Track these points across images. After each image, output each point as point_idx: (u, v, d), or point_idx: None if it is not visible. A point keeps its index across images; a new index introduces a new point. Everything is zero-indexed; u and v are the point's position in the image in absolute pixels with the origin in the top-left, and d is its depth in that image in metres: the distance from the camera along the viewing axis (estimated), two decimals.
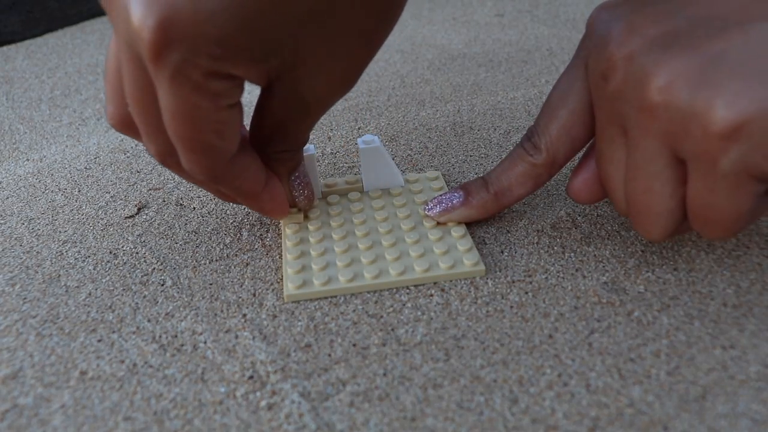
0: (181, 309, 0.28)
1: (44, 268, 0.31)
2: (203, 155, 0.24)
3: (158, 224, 0.34)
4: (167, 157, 0.26)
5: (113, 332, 0.27)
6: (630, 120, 0.24)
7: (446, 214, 0.31)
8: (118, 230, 0.34)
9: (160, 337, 0.27)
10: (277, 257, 0.31)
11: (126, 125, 0.26)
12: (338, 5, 0.23)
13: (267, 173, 0.29)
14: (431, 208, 0.31)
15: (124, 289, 0.30)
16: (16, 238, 0.34)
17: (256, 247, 0.32)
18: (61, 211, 0.36)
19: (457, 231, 0.31)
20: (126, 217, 0.35)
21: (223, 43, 0.21)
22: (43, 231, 0.34)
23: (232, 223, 0.34)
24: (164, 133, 0.24)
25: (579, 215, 0.33)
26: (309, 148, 0.32)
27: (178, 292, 0.29)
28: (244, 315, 0.28)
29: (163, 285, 0.30)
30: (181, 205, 0.36)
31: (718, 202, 0.23)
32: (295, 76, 0.25)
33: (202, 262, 0.31)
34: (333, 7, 0.23)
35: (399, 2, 0.26)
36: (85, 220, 0.35)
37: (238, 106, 0.24)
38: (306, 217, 0.33)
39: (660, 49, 0.23)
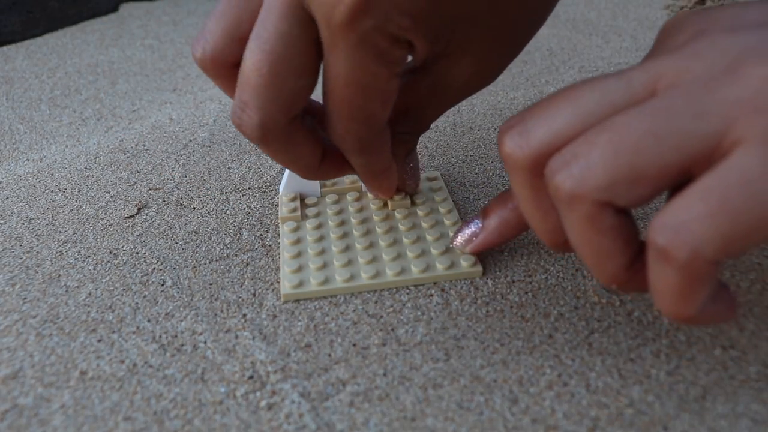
0: (181, 309, 0.28)
1: (44, 268, 0.31)
2: (364, 124, 0.25)
3: (158, 224, 0.34)
4: (271, 123, 0.25)
5: (113, 332, 0.27)
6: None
7: (469, 244, 0.29)
8: (118, 230, 0.34)
9: (160, 337, 0.27)
10: (277, 257, 0.31)
11: (219, 67, 0.25)
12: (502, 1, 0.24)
13: None
14: (456, 241, 0.29)
15: (124, 289, 0.30)
16: (16, 238, 0.34)
17: (256, 247, 0.32)
18: (61, 211, 0.36)
19: None
20: (126, 217, 0.35)
21: (413, 15, 0.22)
22: (43, 231, 0.34)
23: (232, 223, 0.34)
24: (290, 95, 0.24)
25: None
26: None
27: (178, 292, 0.29)
28: (244, 315, 0.28)
29: (163, 285, 0.30)
30: (181, 205, 0.36)
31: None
32: (448, 63, 0.26)
33: (202, 262, 0.31)
34: (498, 2, 0.24)
35: (551, 3, 0.26)
36: (85, 220, 0.35)
37: (398, 82, 0.25)
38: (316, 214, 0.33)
39: (726, 73, 0.18)
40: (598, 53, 0.53)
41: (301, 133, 0.26)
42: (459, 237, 0.29)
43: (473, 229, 0.28)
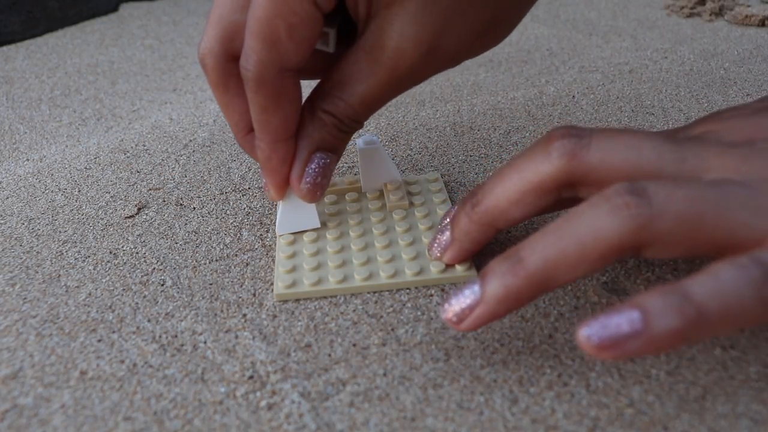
0: (181, 309, 0.28)
1: (44, 268, 0.31)
2: (266, 47, 0.24)
3: (158, 224, 0.34)
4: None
5: (113, 332, 0.27)
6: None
7: (444, 255, 0.28)
8: (118, 230, 0.34)
9: (160, 337, 0.27)
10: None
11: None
12: None
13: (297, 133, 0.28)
14: (433, 250, 0.28)
15: (124, 289, 0.30)
16: (16, 238, 0.34)
17: (256, 247, 0.32)
18: (61, 211, 0.36)
19: None
20: (126, 217, 0.35)
21: None
22: (43, 231, 0.34)
23: (232, 223, 0.34)
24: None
25: None
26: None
27: (178, 292, 0.29)
28: (244, 315, 0.28)
29: (163, 285, 0.30)
30: (181, 205, 0.36)
31: None
32: (381, 22, 0.25)
33: (202, 262, 0.31)
34: None
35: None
36: (85, 220, 0.35)
37: (319, 19, 0.24)
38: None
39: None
40: (598, 53, 0.53)
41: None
42: (435, 246, 0.28)
43: (446, 240, 0.28)
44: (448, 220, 0.28)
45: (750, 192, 0.20)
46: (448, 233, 0.28)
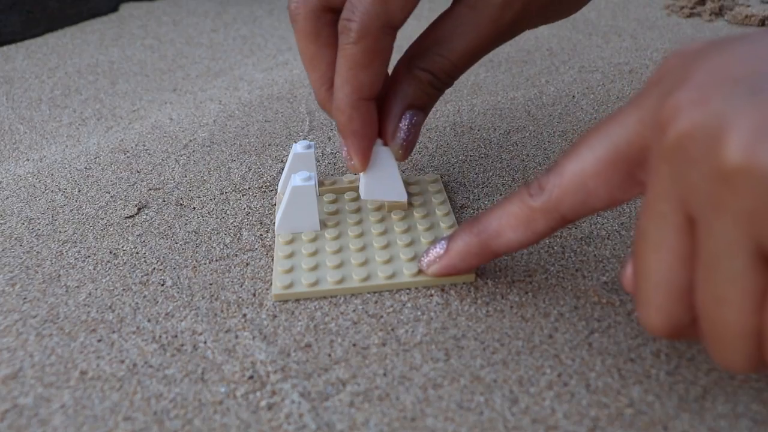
0: (181, 309, 0.28)
1: (44, 268, 0.31)
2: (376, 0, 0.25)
3: (158, 224, 0.34)
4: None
5: (113, 332, 0.27)
6: (696, 191, 0.17)
7: (432, 266, 0.27)
8: (118, 230, 0.34)
9: (160, 337, 0.27)
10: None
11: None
12: None
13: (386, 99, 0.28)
14: (422, 261, 0.28)
15: (124, 289, 0.30)
16: (16, 238, 0.34)
17: (256, 247, 0.32)
18: (61, 211, 0.36)
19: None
20: (126, 217, 0.35)
21: None
22: (43, 231, 0.34)
23: (232, 223, 0.34)
24: None
25: None
26: (309, 145, 0.32)
27: (178, 292, 0.29)
28: (244, 315, 0.28)
29: (163, 285, 0.30)
30: (181, 205, 0.36)
31: None
32: None
33: (202, 262, 0.31)
34: None
35: None
36: (85, 220, 0.35)
37: None
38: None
39: (746, 94, 0.16)
40: (598, 53, 0.53)
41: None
42: (425, 257, 0.28)
43: (438, 251, 0.27)
44: (446, 235, 0.28)
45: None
46: (443, 244, 0.27)
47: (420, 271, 0.28)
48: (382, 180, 0.30)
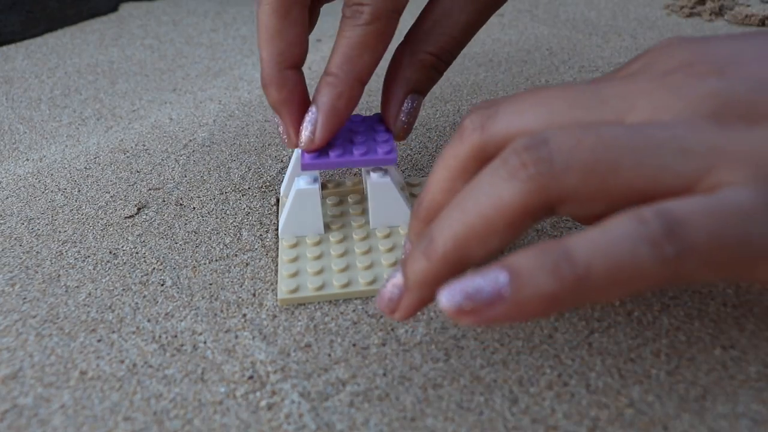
0: (181, 309, 0.28)
1: (44, 268, 0.31)
2: None
3: (158, 224, 0.34)
4: None
5: (113, 332, 0.27)
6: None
7: (395, 311, 0.22)
8: (118, 230, 0.34)
9: (160, 337, 0.27)
10: (277, 257, 0.31)
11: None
12: None
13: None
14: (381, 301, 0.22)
15: (124, 289, 0.30)
16: (15, 238, 0.34)
17: (256, 247, 0.32)
18: (60, 211, 0.36)
19: None
20: (126, 217, 0.35)
21: None
22: (42, 231, 0.34)
23: (232, 223, 0.34)
24: None
25: None
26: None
27: (178, 292, 0.29)
28: (244, 315, 0.28)
29: (163, 285, 0.30)
30: (181, 205, 0.36)
31: None
32: None
33: (202, 262, 0.31)
34: None
35: None
36: (85, 220, 0.35)
37: None
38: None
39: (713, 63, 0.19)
40: (598, 53, 0.53)
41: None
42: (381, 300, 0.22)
43: (396, 293, 0.22)
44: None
45: (676, 132, 0.18)
46: (398, 275, 0.22)
47: None
48: (387, 208, 0.31)
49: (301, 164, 0.29)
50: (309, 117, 0.28)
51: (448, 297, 0.18)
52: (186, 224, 0.34)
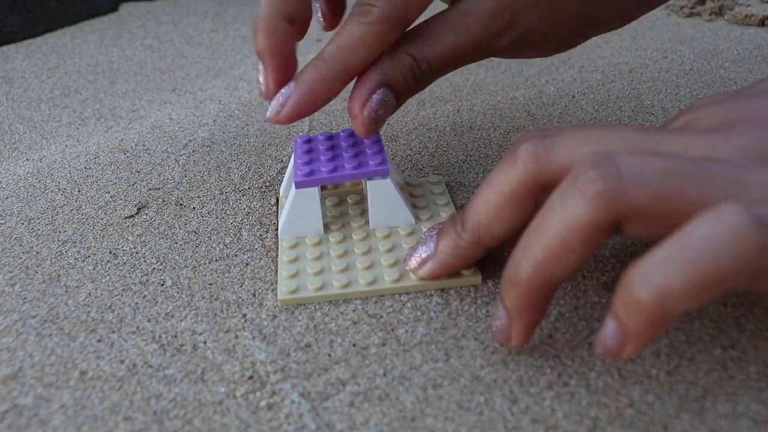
0: (181, 309, 0.28)
1: (44, 268, 0.31)
2: None
3: (158, 224, 0.34)
4: None
5: (113, 332, 0.27)
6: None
7: (422, 267, 0.27)
8: (118, 230, 0.34)
9: (160, 337, 0.27)
10: (277, 258, 0.31)
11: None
12: None
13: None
14: (409, 261, 0.28)
15: (124, 289, 0.30)
16: (15, 238, 0.34)
17: (256, 247, 0.32)
18: (60, 211, 0.36)
19: None
20: (126, 217, 0.35)
21: None
22: (42, 231, 0.34)
23: (232, 223, 0.34)
24: None
25: None
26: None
27: (178, 292, 0.29)
28: (244, 315, 0.28)
29: (163, 285, 0.30)
30: (181, 205, 0.36)
31: None
32: None
33: (202, 262, 0.31)
34: None
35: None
36: (84, 220, 0.35)
37: None
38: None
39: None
40: (598, 53, 0.53)
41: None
42: (413, 259, 0.28)
43: (428, 252, 0.27)
44: (433, 233, 0.27)
45: (731, 167, 0.19)
46: (431, 244, 0.27)
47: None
48: (386, 209, 0.31)
49: (295, 183, 0.30)
50: (284, 90, 0.29)
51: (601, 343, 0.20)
52: (186, 224, 0.34)
